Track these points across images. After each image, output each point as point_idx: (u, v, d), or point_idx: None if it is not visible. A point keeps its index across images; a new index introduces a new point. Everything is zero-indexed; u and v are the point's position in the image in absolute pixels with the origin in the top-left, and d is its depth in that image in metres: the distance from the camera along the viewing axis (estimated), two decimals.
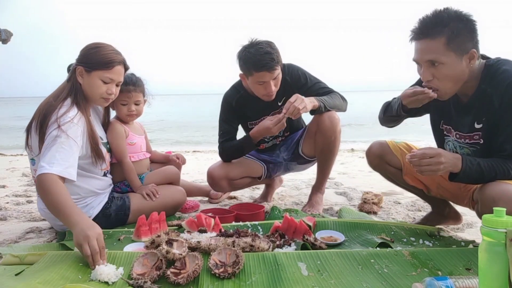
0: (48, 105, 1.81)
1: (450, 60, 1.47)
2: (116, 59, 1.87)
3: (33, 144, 1.82)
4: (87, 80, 1.85)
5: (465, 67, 1.49)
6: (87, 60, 1.85)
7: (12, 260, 1.45)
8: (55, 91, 1.90)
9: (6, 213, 2.41)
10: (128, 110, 2.16)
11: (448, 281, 1.11)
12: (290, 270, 1.35)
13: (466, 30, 1.46)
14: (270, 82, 2.16)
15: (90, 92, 1.87)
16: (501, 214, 0.99)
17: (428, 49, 1.48)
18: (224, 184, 2.46)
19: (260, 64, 2.10)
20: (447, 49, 1.45)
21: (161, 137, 10.48)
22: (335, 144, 2.36)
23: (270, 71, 2.12)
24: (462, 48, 1.46)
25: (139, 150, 2.27)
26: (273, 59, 2.10)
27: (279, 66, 2.16)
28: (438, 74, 1.50)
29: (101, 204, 1.99)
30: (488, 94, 1.50)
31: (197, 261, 1.35)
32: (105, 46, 1.88)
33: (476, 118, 1.57)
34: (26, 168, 4.18)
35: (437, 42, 1.46)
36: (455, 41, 1.44)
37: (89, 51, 1.87)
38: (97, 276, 1.30)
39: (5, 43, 3.26)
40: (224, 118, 2.46)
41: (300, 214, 2.24)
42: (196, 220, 1.85)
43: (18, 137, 9.26)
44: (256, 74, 2.14)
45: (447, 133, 1.74)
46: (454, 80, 1.51)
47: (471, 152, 1.64)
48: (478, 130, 1.58)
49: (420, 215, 2.29)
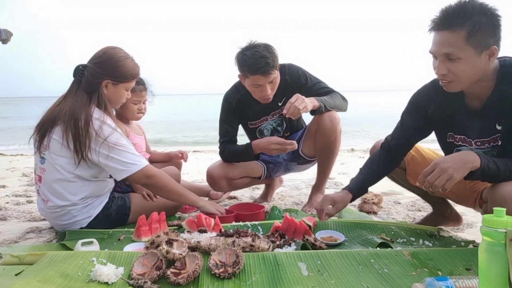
0: (78, 111, 1.81)
1: (468, 56, 1.39)
2: (139, 70, 1.99)
3: (52, 144, 1.84)
4: (113, 91, 1.93)
5: (483, 64, 1.41)
6: (115, 74, 1.90)
7: (12, 260, 1.45)
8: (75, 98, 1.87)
9: (6, 213, 2.41)
10: (139, 109, 2.26)
11: (448, 281, 1.11)
12: (290, 270, 1.35)
13: (489, 25, 1.37)
14: (266, 85, 2.16)
15: (114, 101, 1.96)
16: (501, 214, 0.99)
17: (447, 42, 1.40)
18: (223, 183, 2.46)
19: (255, 67, 2.10)
20: (466, 43, 1.37)
21: (161, 137, 10.49)
22: (335, 144, 2.35)
23: (265, 75, 2.11)
24: (482, 43, 1.38)
25: (139, 151, 2.28)
26: (268, 63, 2.09)
27: (275, 70, 2.14)
28: (453, 69, 1.42)
29: (102, 204, 1.99)
30: (509, 94, 1.43)
31: (197, 261, 1.35)
32: (126, 56, 1.94)
33: (497, 119, 1.50)
34: (26, 168, 4.18)
35: (457, 35, 1.38)
36: (476, 35, 1.36)
37: (115, 64, 1.90)
38: (96, 276, 1.30)
39: (5, 43, 3.26)
40: (224, 118, 2.46)
41: (300, 214, 2.24)
42: (196, 220, 1.85)
43: (17, 137, 9.26)
44: (251, 77, 2.15)
45: (461, 143, 1.63)
46: (470, 76, 1.44)
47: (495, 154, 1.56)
48: (499, 132, 1.51)
49: (420, 215, 2.29)
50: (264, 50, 2.11)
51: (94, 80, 1.88)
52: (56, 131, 1.83)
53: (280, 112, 2.39)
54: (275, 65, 2.13)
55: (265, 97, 2.21)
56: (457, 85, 1.47)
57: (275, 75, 2.16)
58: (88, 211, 1.94)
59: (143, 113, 2.31)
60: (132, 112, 2.25)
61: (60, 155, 1.84)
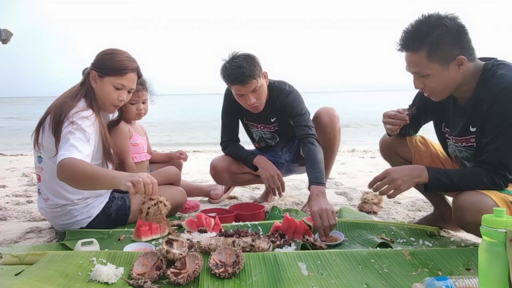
0: (63, 105, 1.81)
1: (435, 71, 1.46)
2: (129, 66, 1.88)
3: (44, 141, 1.84)
4: (100, 85, 1.88)
5: (454, 74, 1.47)
6: (101, 65, 1.87)
7: (12, 260, 1.45)
8: (69, 92, 1.91)
9: (6, 213, 2.41)
10: (137, 109, 2.23)
11: (448, 281, 1.11)
12: (290, 270, 1.35)
13: (450, 37, 1.42)
14: (249, 94, 2.15)
15: (101, 97, 1.89)
16: (501, 214, 0.99)
17: (412, 63, 1.49)
18: (226, 176, 2.48)
19: (232, 77, 2.11)
20: (429, 61, 1.44)
21: (160, 137, 10.48)
22: (334, 141, 2.36)
23: (243, 85, 2.11)
24: (447, 56, 1.43)
25: (141, 151, 2.29)
26: (243, 73, 2.07)
27: (253, 80, 2.10)
28: (427, 83, 1.51)
29: (102, 204, 1.99)
30: (481, 100, 1.49)
31: (197, 261, 1.35)
32: (120, 52, 1.91)
33: (470, 121, 1.56)
34: (26, 168, 4.18)
35: (419, 56, 1.45)
36: (437, 52, 1.42)
37: (104, 56, 1.89)
38: (96, 276, 1.30)
39: (5, 43, 3.26)
40: (225, 110, 2.48)
41: (300, 214, 2.24)
42: (196, 220, 1.85)
43: (18, 138, 9.26)
44: (232, 88, 2.18)
45: (448, 136, 1.72)
46: (444, 87, 1.51)
47: (470, 155, 1.63)
48: (473, 134, 1.57)
49: (420, 215, 2.28)
50: (242, 61, 2.10)
51: (85, 72, 1.92)
52: (46, 125, 1.83)
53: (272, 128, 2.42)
54: (252, 74, 2.09)
55: (250, 106, 2.20)
56: (438, 95, 1.55)
57: (256, 84, 2.13)
58: (88, 211, 1.94)
59: (143, 113, 2.29)
60: (131, 112, 2.24)
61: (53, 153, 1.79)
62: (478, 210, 1.35)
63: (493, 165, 1.46)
